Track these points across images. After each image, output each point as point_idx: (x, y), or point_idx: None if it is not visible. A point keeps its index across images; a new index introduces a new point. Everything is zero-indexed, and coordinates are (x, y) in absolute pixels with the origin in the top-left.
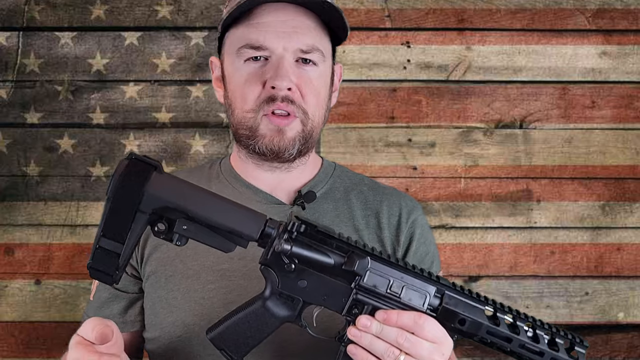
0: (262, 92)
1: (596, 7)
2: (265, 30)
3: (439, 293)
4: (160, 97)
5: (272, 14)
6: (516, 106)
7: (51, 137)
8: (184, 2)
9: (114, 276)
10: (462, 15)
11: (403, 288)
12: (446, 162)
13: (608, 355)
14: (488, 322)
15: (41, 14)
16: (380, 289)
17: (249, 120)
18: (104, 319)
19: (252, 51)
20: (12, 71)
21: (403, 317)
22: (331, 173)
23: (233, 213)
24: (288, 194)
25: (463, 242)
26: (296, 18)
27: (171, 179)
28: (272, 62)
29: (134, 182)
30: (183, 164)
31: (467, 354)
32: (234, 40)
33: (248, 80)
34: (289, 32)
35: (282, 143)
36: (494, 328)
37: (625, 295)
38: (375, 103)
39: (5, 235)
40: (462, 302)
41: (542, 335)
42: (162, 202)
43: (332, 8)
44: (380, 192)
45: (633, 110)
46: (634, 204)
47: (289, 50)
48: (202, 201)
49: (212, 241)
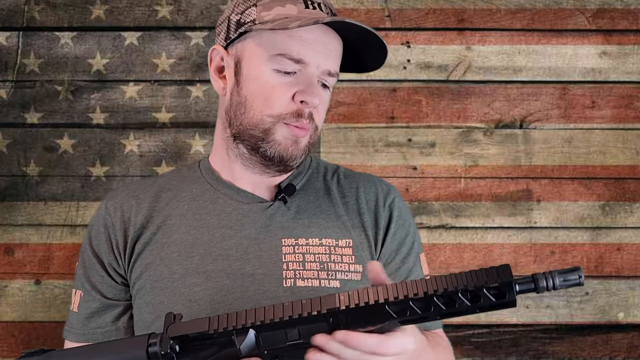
0: (291, 103)
1: (596, 7)
2: (306, 46)
3: (335, 320)
4: (160, 97)
5: (314, 33)
6: (516, 106)
7: (51, 137)
8: (184, 2)
9: None
10: (462, 15)
11: (299, 332)
12: (446, 162)
13: (608, 356)
14: (395, 317)
15: (41, 14)
16: (280, 344)
17: (267, 124)
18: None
19: (289, 62)
20: (12, 71)
21: (364, 343)
22: (308, 165)
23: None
24: (269, 190)
25: (463, 242)
26: (333, 42)
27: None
28: (304, 77)
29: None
30: (183, 164)
31: (467, 354)
32: (269, 44)
33: (276, 87)
34: (326, 53)
35: (296, 152)
36: (404, 319)
37: (625, 295)
38: (375, 103)
39: (5, 235)
40: (359, 315)
41: (457, 296)
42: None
43: (381, 46)
44: (356, 178)
45: (633, 110)
46: (634, 204)
47: (319, 69)
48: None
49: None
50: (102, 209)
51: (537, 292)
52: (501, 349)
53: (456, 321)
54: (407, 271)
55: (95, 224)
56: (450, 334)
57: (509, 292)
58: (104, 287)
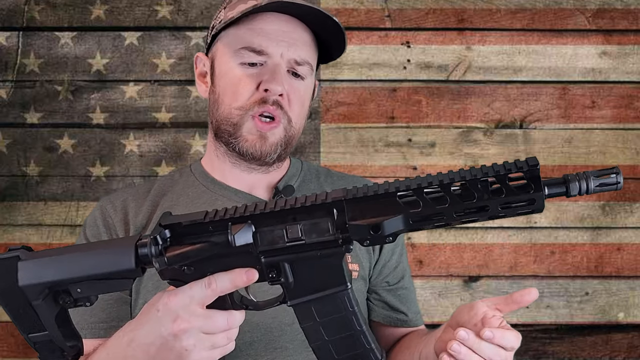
0: (256, 93)
1: (596, 7)
2: (267, 37)
3: (339, 209)
4: (160, 97)
5: (276, 23)
6: (516, 106)
7: (51, 137)
8: (184, 2)
9: (66, 355)
10: (462, 15)
11: (301, 229)
12: (446, 162)
13: (608, 355)
14: (406, 209)
15: (41, 14)
16: (279, 243)
17: (235, 117)
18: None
19: (252, 54)
20: (12, 71)
21: (503, 338)
22: (300, 167)
23: (103, 258)
24: (267, 190)
25: (463, 242)
26: (296, 31)
27: (37, 260)
28: (269, 66)
29: (8, 284)
30: (183, 164)
31: None
32: (233, 40)
33: (242, 79)
34: (289, 42)
35: (264, 148)
36: (416, 213)
37: (625, 295)
38: (375, 103)
39: (5, 235)
40: (366, 205)
41: (477, 188)
42: (42, 286)
43: (337, 29)
44: (349, 180)
45: (633, 110)
46: (634, 204)
47: (284, 59)
48: (71, 264)
49: (109, 288)
50: (100, 210)
51: (567, 196)
52: None
53: None
54: (403, 270)
55: (93, 225)
56: None
57: (536, 184)
58: None
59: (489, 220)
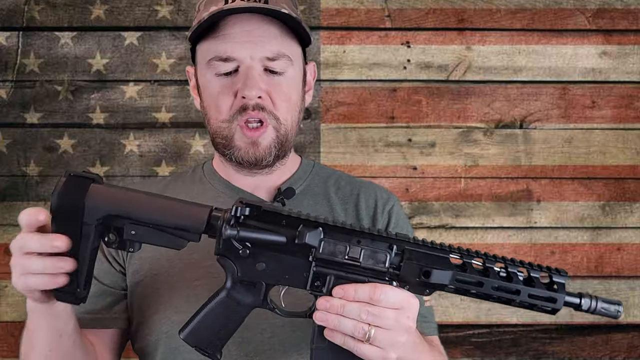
0: (234, 102)
1: (596, 7)
2: (231, 41)
3: (399, 249)
4: (160, 97)
5: (238, 25)
6: (516, 106)
7: (51, 137)
8: (184, 2)
9: (77, 294)
10: (462, 15)
11: (361, 252)
12: (446, 162)
13: (608, 355)
14: (455, 269)
15: (41, 14)
16: (338, 257)
17: (224, 130)
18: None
19: (220, 63)
20: (12, 71)
21: (359, 292)
22: (310, 170)
23: (177, 209)
24: (269, 192)
25: (463, 242)
26: (261, 27)
27: (110, 188)
28: (242, 72)
29: (74, 197)
30: (183, 164)
31: (467, 354)
32: (204, 52)
33: (220, 91)
34: (254, 41)
35: (258, 154)
36: (462, 274)
37: (625, 295)
38: (375, 103)
39: (5, 235)
40: (424, 254)
41: (515, 273)
42: (104, 211)
43: (286, 17)
44: (357, 184)
45: (633, 110)
46: (634, 204)
47: (255, 59)
48: (143, 203)
49: (162, 241)
50: None
51: (576, 309)
52: (501, 349)
53: (456, 321)
54: None
55: None
56: (450, 334)
57: (560, 287)
58: (101, 273)
59: (511, 306)
